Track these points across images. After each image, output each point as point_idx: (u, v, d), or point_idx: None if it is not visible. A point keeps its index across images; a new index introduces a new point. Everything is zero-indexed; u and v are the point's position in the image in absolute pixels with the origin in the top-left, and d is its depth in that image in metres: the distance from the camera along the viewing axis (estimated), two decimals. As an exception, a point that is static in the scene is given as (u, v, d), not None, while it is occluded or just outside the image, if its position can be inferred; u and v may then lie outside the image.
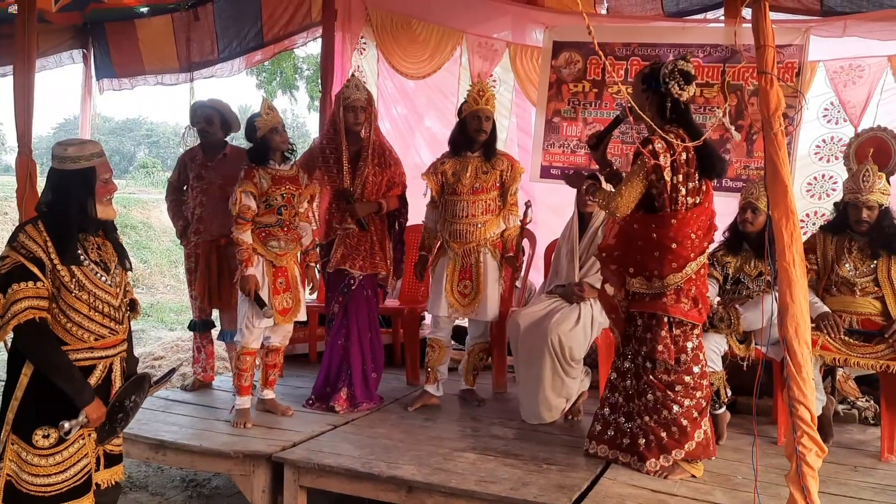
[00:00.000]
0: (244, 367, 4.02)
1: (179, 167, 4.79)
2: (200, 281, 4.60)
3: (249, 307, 3.95)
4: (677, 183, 3.18)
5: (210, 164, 4.63)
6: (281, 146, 3.97)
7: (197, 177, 4.65)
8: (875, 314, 3.77)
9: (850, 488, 3.25)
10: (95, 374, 2.61)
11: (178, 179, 4.77)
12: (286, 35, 6.32)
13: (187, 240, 4.69)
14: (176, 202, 4.80)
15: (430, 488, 3.18)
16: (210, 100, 4.70)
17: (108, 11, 6.22)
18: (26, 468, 2.50)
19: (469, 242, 4.24)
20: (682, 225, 3.22)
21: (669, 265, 3.24)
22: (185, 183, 4.76)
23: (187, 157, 4.74)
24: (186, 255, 4.75)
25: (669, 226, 3.22)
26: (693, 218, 3.24)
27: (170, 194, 4.83)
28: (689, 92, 3.20)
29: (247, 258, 3.90)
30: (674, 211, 3.21)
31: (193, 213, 4.65)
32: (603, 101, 5.41)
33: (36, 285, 2.46)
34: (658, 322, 3.30)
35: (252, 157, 4.01)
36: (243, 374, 4.02)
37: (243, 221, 3.91)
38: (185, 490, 4.24)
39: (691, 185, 3.22)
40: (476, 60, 5.78)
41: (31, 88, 4.32)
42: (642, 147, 3.15)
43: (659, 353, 3.28)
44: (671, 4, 5.40)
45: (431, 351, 4.35)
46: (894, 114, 4.77)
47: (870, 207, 3.76)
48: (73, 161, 2.56)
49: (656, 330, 3.30)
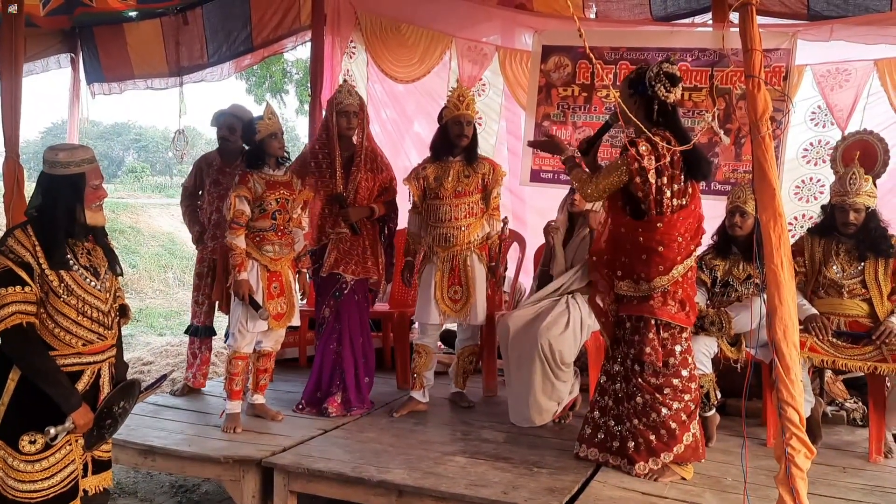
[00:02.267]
0: (235, 371, 4.01)
1: (195, 172, 4.83)
2: (218, 286, 4.59)
3: (243, 311, 3.94)
4: (662, 185, 3.19)
5: (228, 170, 4.66)
6: (277, 152, 4.01)
7: (214, 182, 4.68)
8: (863, 316, 3.79)
9: (839, 489, 3.27)
10: (83, 380, 2.59)
11: (194, 185, 4.82)
12: (275, 39, 6.31)
13: (203, 245, 4.72)
14: (191, 207, 4.84)
15: (421, 492, 3.18)
16: (233, 107, 4.77)
17: (97, 15, 6.18)
18: (12, 474, 2.49)
19: (453, 246, 4.25)
20: (668, 228, 3.23)
21: (656, 268, 3.25)
22: (199, 188, 4.79)
23: (203, 163, 4.79)
24: (199, 260, 4.77)
25: (655, 229, 3.23)
26: (680, 220, 3.25)
27: (184, 199, 4.87)
28: (676, 94, 3.22)
29: (240, 263, 3.90)
30: (660, 214, 3.22)
31: (210, 219, 4.67)
32: (592, 104, 5.43)
33: (24, 290, 2.45)
34: (646, 325, 3.31)
35: (248, 160, 4.03)
36: (234, 379, 4.01)
37: (237, 226, 3.91)
38: (174, 496, 4.22)
39: (676, 186, 3.22)
40: (465, 64, 5.79)
41: (18, 93, 4.31)
42: (629, 147, 3.16)
43: (646, 355, 3.29)
44: (659, 9, 5.43)
45: (418, 357, 4.35)
46: (881, 117, 4.82)
47: (857, 210, 3.78)
48: (62, 166, 2.56)
49: (644, 332, 3.31)
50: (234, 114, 4.71)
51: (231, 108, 4.77)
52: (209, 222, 4.70)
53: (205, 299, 4.73)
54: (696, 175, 3.29)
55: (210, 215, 4.69)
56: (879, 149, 4.45)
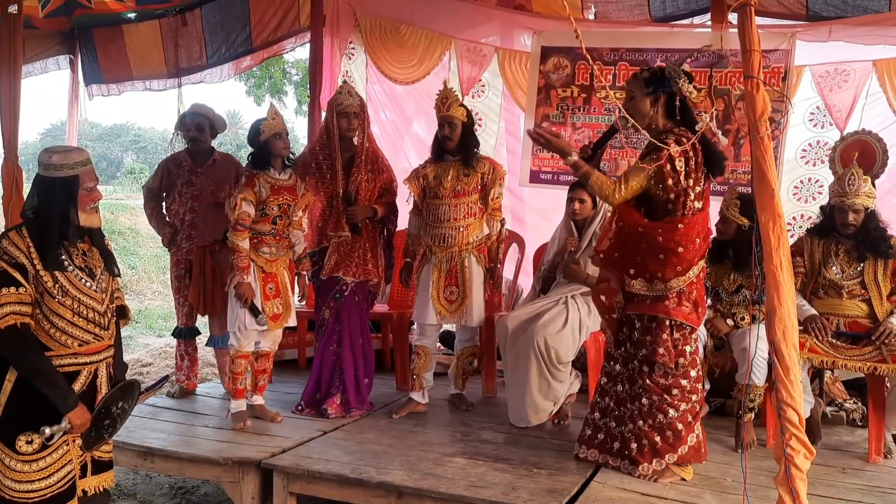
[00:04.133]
0: (238, 370, 4.04)
1: (161, 173, 4.72)
2: (194, 288, 4.56)
3: (242, 311, 3.95)
4: (688, 187, 3.18)
5: (200, 170, 4.62)
6: (282, 152, 3.99)
7: (187, 183, 4.62)
8: (862, 316, 3.79)
9: (839, 490, 3.26)
10: (80, 380, 2.60)
11: (160, 186, 4.72)
12: (275, 40, 6.31)
13: (178, 247, 4.64)
14: (157, 209, 4.74)
15: (420, 493, 3.18)
16: (196, 105, 4.69)
17: (96, 17, 6.18)
18: (9, 474, 2.49)
19: (452, 247, 4.24)
20: (688, 229, 3.22)
21: (674, 268, 3.23)
22: (165, 189, 4.72)
23: (171, 164, 4.70)
24: (175, 263, 4.70)
25: (677, 230, 3.21)
26: (698, 222, 3.25)
27: (150, 201, 4.74)
28: (695, 91, 3.20)
29: (245, 265, 3.90)
30: (683, 215, 3.21)
31: (184, 220, 4.62)
32: (591, 105, 5.43)
33: (18, 291, 2.46)
34: (659, 325, 3.28)
35: (254, 161, 4.01)
36: (237, 378, 4.04)
37: (242, 228, 3.91)
38: (173, 497, 4.21)
39: (699, 188, 3.23)
40: (465, 66, 5.79)
41: (17, 94, 4.31)
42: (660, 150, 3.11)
43: (660, 356, 3.26)
44: (658, 10, 5.43)
45: (417, 358, 4.35)
46: (879, 117, 4.82)
47: (856, 211, 3.78)
48: (56, 169, 2.56)
49: (657, 333, 3.28)
50: (202, 113, 4.65)
51: (195, 107, 4.69)
52: (182, 223, 4.62)
53: (185, 301, 4.68)
54: (715, 172, 3.28)
55: (183, 216, 4.61)
56: (878, 149, 4.45)
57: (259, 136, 3.95)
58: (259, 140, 3.96)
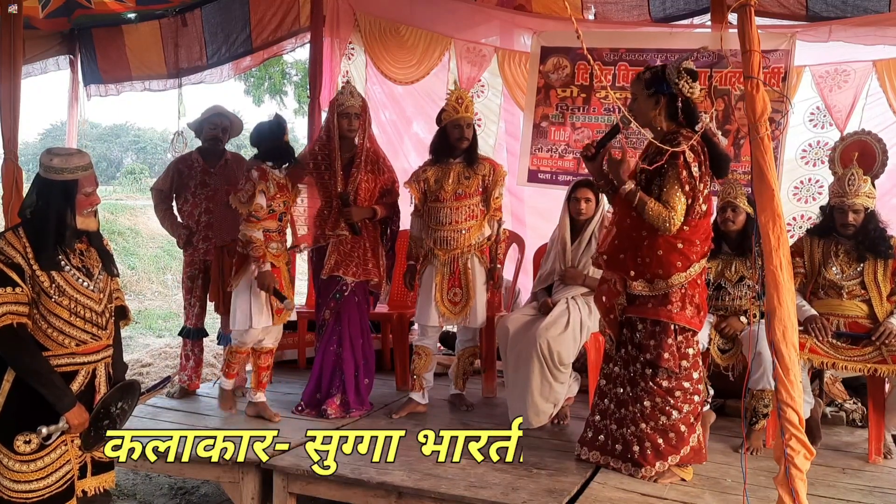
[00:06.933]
0: (234, 361, 4.24)
1: (172, 175, 4.73)
2: (214, 287, 4.55)
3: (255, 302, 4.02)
4: (699, 192, 3.18)
5: (213, 171, 4.65)
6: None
7: (201, 184, 4.64)
8: (862, 317, 3.79)
9: (839, 490, 3.27)
10: (78, 380, 2.60)
11: (171, 187, 4.73)
12: (275, 41, 6.31)
13: (194, 247, 4.65)
14: (170, 211, 4.75)
15: (420, 494, 3.18)
16: (218, 107, 4.73)
17: (95, 17, 6.18)
18: (7, 474, 2.49)
19: (454, 249, 4.24)
20: (692, 232, 3.23)
21: (674, 264, 3.22)
22: (176, 191, 4.73)
23: (182, 165, 4.71)
24: (189, 263, 4.71)
25: (682, 231, 3.21)
26: (703, 224, 3.26)
27: (161, 203, 4.75)
28: (697, 89, 3.19)
29: (262, 255, 3.96)
30: (689, 219, 3.20)
31: (199, 221, 4.64)
32: (591, 105, 5.42)
33: (15, 291, 2.46)
34: (663, 329, 3.27)
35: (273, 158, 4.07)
36: (233, 366, 4.22)
37: (255, 220, 3.97)
38: (173, 498, 4.21)
39: (706, 191, 3.23)
40: (464, 66, 5.78)
41: (17, 94, 4.31)
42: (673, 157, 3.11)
43: (665, 360, 3.24)
44: (658, 10, 5.42)
45: (418, 358, 4.34)
46: (879, 118, 4.81)
47: (855, 211, 3.78)
48: (56, 172, 2.56)
49: (662, 337, 3.26)
50: (225, 114, 4.68)
51: (218, 108, 4.71)
52: (198, 224, 4.64)
53: (196, 301, 4.70)
54: (720, 173, 3.28)
55: (199, 217, 4.63)
56: (878, 149, 4.44)
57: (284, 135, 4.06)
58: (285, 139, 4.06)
